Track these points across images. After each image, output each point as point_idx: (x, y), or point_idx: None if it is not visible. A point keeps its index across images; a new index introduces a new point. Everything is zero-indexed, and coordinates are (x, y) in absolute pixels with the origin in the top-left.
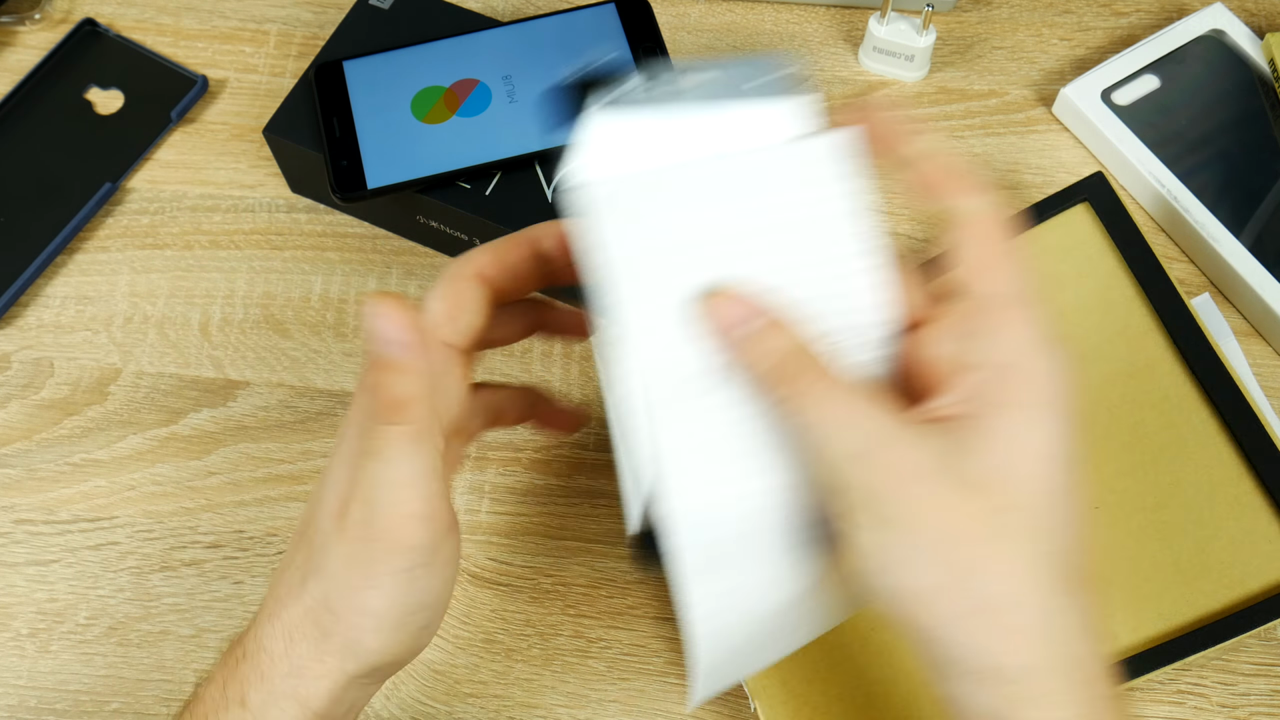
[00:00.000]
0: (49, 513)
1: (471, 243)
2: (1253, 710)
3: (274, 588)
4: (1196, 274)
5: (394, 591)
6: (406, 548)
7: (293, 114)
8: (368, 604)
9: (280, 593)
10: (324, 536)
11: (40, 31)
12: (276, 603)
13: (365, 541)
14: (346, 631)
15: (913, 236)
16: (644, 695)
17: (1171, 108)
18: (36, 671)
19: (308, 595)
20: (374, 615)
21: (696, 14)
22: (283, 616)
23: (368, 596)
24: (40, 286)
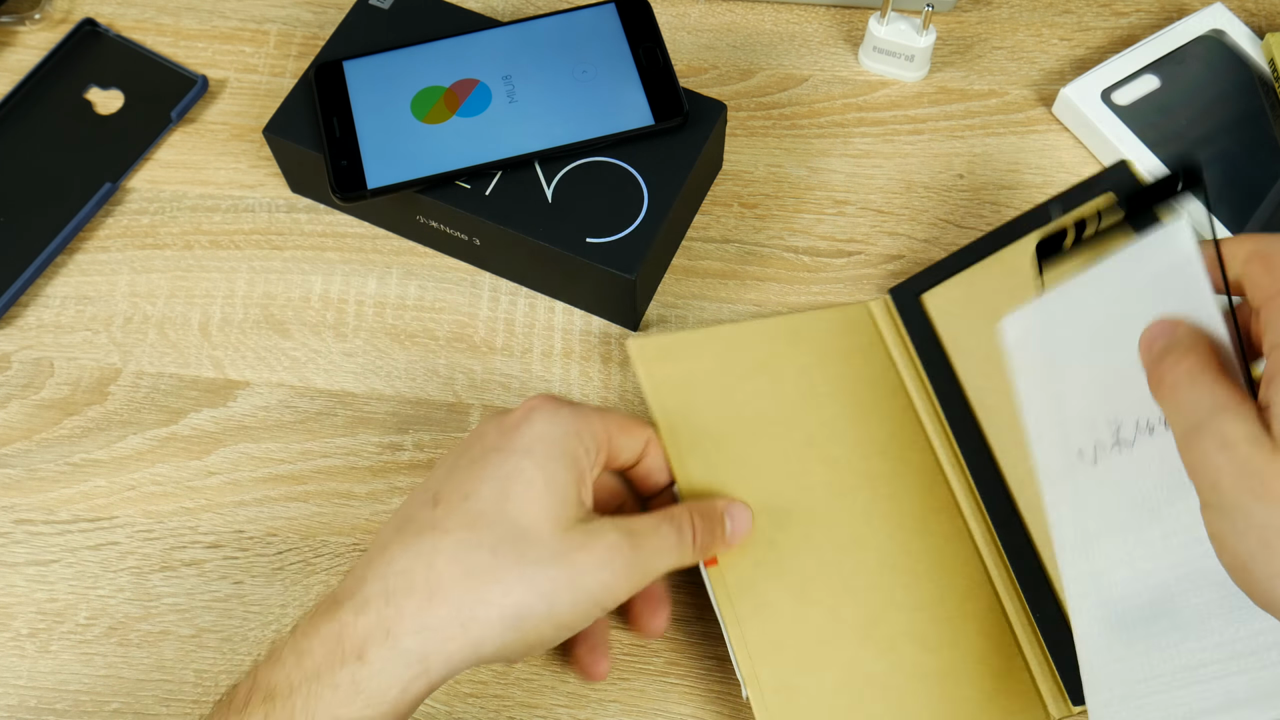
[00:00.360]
0: (49, 513)
1: (472, 243)
2: None
3: (411, 540)
4: None
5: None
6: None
7: (293, 114)
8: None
9: (424, 546)
10: (529, 525)
11: (40, 31)
12: (414, 555)
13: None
14: (505, 613)
15: (912, 236)
16: (644, 695)
17: (1171, 108)
18: (36, 671)
19: (474, 561)
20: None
21: (696, 14)
22: (428, 572)
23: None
24: (40, 286)
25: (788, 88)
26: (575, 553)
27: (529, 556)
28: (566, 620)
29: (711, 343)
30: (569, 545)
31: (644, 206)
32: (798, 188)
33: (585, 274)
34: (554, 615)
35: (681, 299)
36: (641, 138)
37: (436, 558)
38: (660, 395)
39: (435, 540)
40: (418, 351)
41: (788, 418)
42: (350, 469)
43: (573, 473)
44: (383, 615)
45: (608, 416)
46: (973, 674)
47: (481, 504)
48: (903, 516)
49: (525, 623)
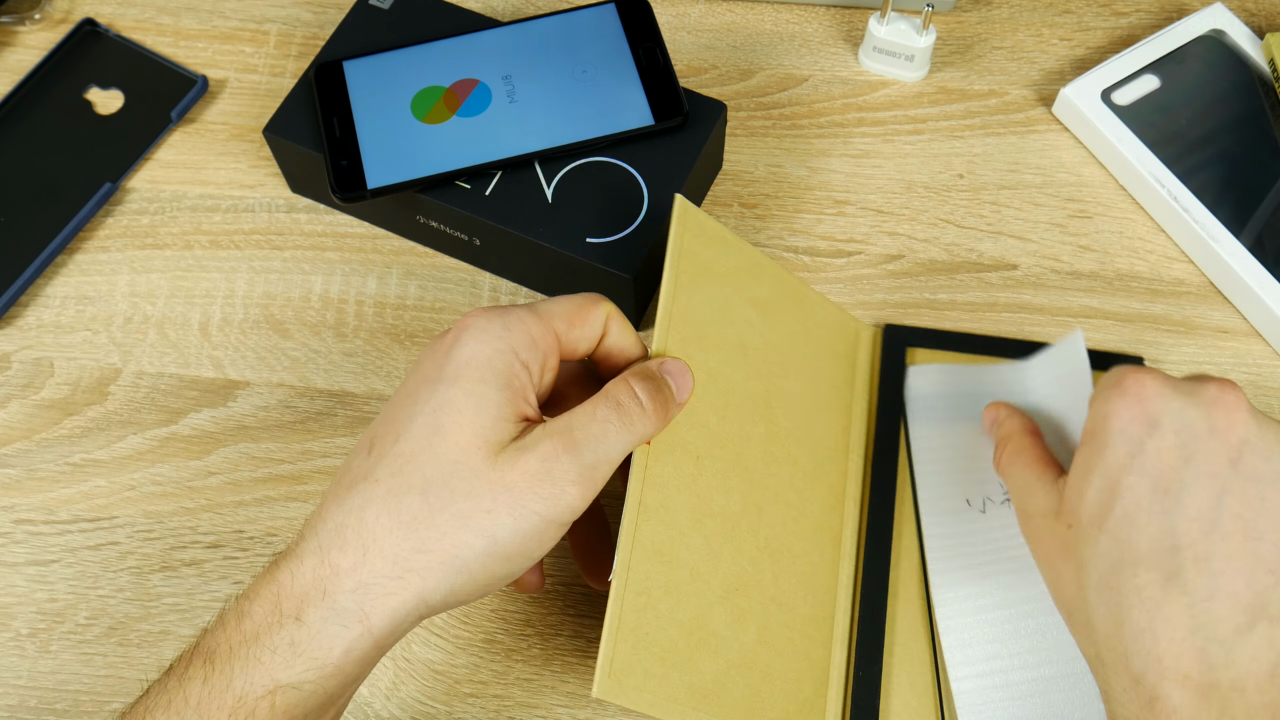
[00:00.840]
0: (49, 513)
1: (472, 243)
2: None
3: (344, 494)
4: (1197, 274)
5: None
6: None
7: (293, 114)
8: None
9: (356, 500)
10: (442, 454)
11: (40, 31)
12: (346, 510)
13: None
14: (444, 557)
15: (912, 236)
16: None
17: (1171, 108)
18: (36, 671)
19: (404, 508)
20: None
21: (696, 14)
22: (360, 526)
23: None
24: (40, 286)
25: (788, 88)
26: (509, 473)
27: (460, 491)
28: (515, 549)
29: (740, 253)
30: (502, 468)
31: (644, 206)
32: (798, 188)
33: (585, 274)
34: (498, 548)
35: None
36: (641, 138)
37: (367, 510)
38: (679, 261)
39: (367, 491)
40: (417, 351)
41: (760, 363)
42: None
43: (505, 391)
44: (318, 574)
45: (549, 313)
46: (785, 688)
47: (411, 444)
48: (799, 515)
49: (470, 564)
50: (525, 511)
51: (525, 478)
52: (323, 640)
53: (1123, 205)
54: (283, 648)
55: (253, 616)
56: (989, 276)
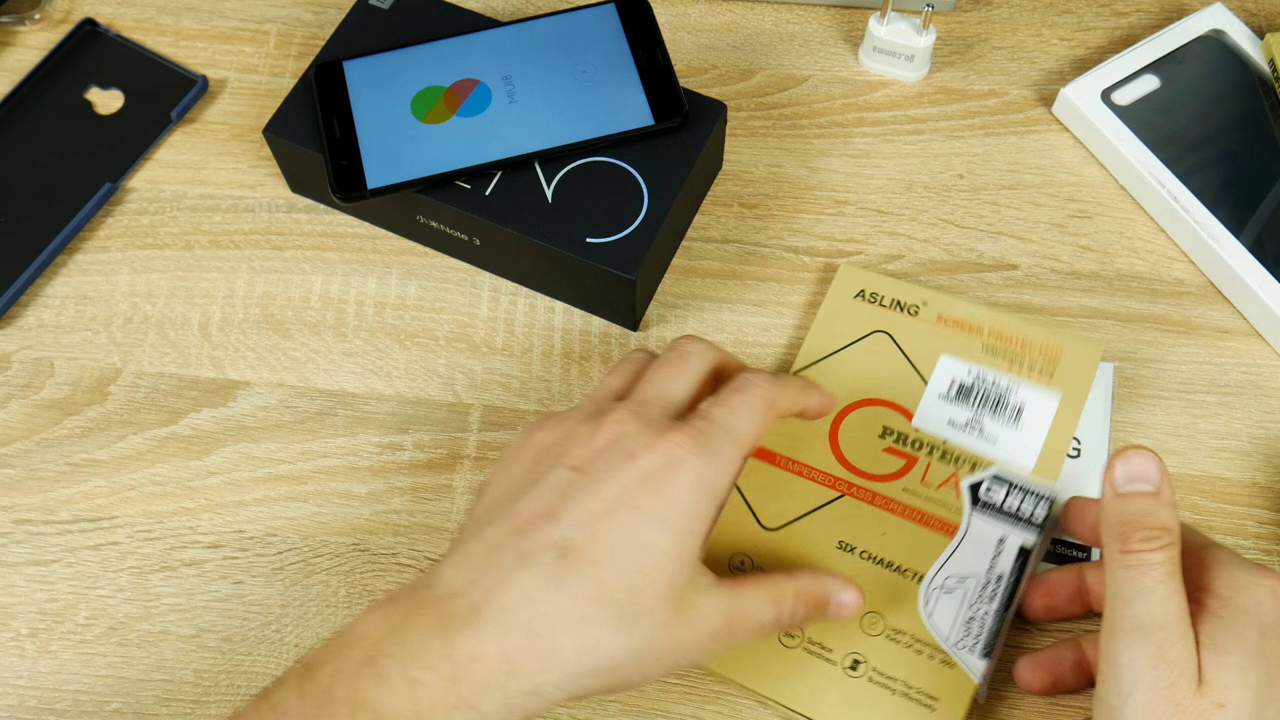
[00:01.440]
0: (49, 513)
1: (472, 243)
2: None
3: (530, 585)
4: (1197, 274)
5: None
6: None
7: (293, 114)
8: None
9: (546, 608)
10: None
11: (40, 31)
12: (532, 606)
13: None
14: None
15: (912, 236)
16: (644, 695)
17: (1171, 108)
18: (36, 671)
19: (595, 639)
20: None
21: (696, 14)
22: (549, 637)
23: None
24: (40, 286)
25: (788, 88)
26: (679, 629)
27: (639, 629)
28: (650, 676)
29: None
30: (676, 622)
31: (644, 206)
32: (798, 188)
33: (585, 274)
34: (640, 672)
35: (681, 299)
36: (641, 138)
37: (559, 625)
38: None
39: (561, 606)
40: (418, 351)
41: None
42: (350, 469)
43: (700, 538)
44: (498, 667)
45: (746, 437)
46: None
47: (612, 575)
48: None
49: (611, 674)
50: (673, 657)
51: (688, 637)
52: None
53: (1123, 205)
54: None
55: (427, 687)
56: (989, 276)
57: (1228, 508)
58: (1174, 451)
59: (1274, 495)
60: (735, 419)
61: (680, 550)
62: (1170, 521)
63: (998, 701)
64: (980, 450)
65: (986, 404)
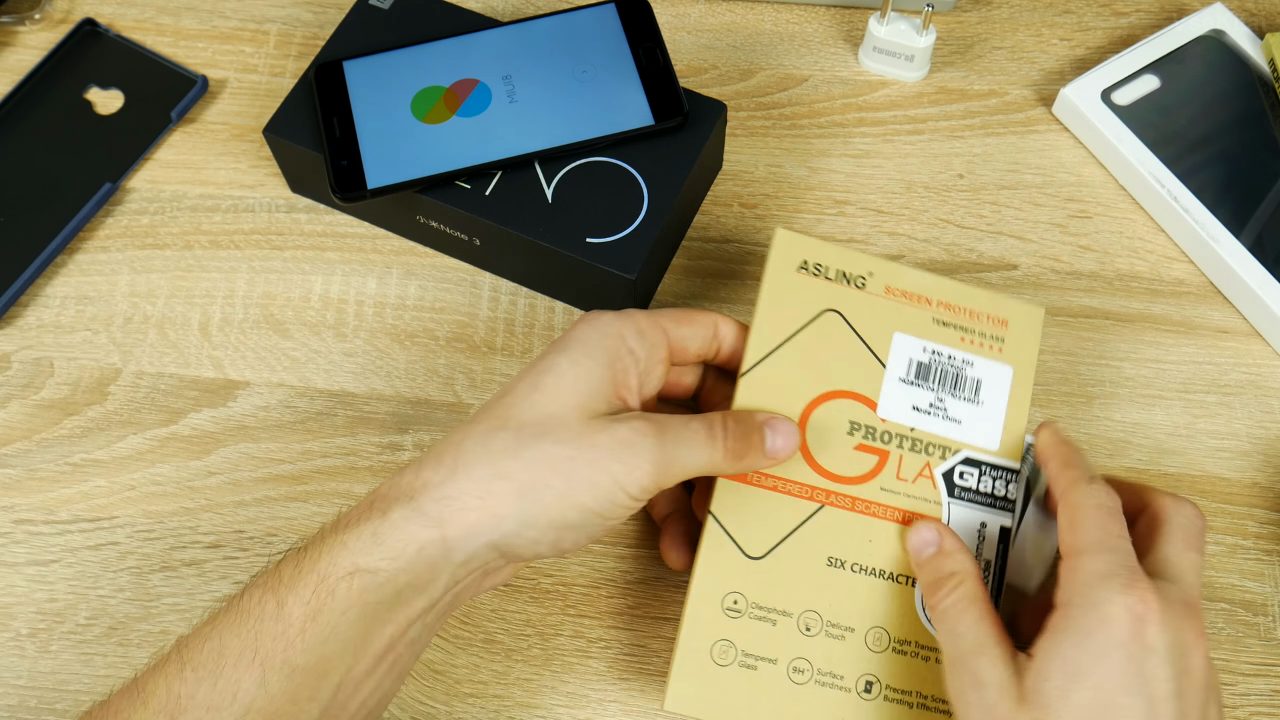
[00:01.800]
0: (49, 513)
1: (472, 243)
2: (1253, 710)
3: (450, 433)
4: (1197, 274)
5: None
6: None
7: (293, 114)
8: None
9: (457, 435)
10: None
11: (40, 31)
12: (446, 441)
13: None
14: (522, 487)
15: (912, 236)
16: (644, 695)
17: (1171, 108)
18: (36, 671)
19: (495, 441)
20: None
21: (696, 14)
22: (455, 452)
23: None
24: (40, 286)
25: (788, 88)
26: (596, 434)
27: (549, 436)
28: (586, 501)
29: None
30: (591, 429)
31: (644, 206)
32: (798, 188)
33: (585, 274)
34: (572, 493)
35: (681, 299)
36: (641, 138)
37: (465, 441)
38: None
39: (466, 428)
40: (418, 351)
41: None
42: (350, 469)
43: (608, 370)
44: (410, 484)
45: (659, 312)
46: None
47: (512, 397)
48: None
49: (544, 498)
50: (602, 469)
51: (611, 440)
52: (400, 534)
53: (1123, 205)
54: (366, 536)
55: (347, 516)
56: (989, 276)
57: (1228, 508)
58: (1174, 451)
59: (1274, 495)
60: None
61: (581, 370)
62: (956, 565)
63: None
64: (948, 434)
65: (946, 383)
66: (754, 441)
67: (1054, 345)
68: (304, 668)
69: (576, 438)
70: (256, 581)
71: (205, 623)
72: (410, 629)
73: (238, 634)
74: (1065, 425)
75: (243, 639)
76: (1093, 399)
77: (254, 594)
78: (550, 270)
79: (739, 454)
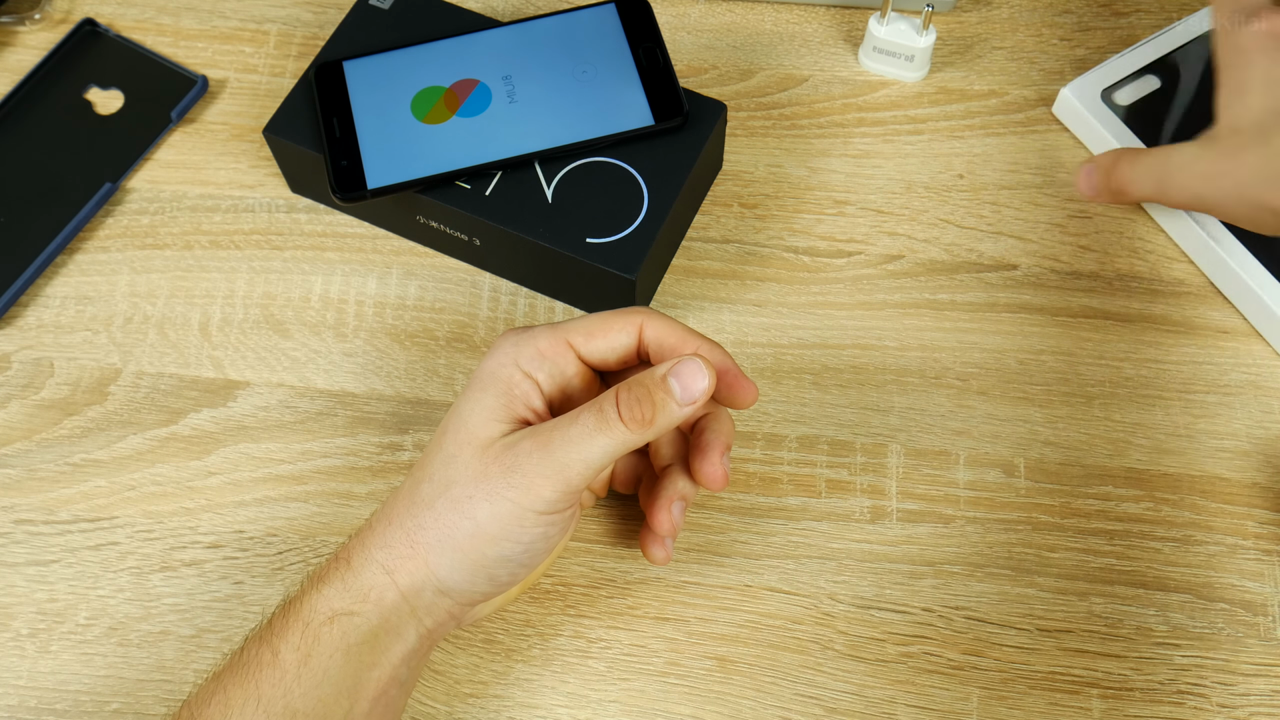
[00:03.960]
0: (49, 513)
1: (472, 243)
2: (1253, 710)
3: (401, 486)
4: (1197, 274)
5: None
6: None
7: (293, 114)
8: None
9: (398, 487)
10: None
11: (40, 31)
12: (391, 493)
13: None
14: (439, 535)
15: (912, 236)
16: (644, 695)
17: (1171, 108)
18: (36, 671)
19: (418, 493)
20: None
21: (696, 14)
22: (393, 504)
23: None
24: (40, 286)
25: (788, 88)
26: (490, 465)
27: (452, 480)
28: (494, 532)
29: None
30: (484, 460)
31: (644, 206)
32: (798, 188)
33: (585, 274)
34: (480, 529)
35: (681, 299)
36: (641, 138)
37: (400, 492)
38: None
39: (405, 480)
40: (418, 351)
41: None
42: (350, 469)
43: (501, 397)
44: (363, 535)
45: (566, 328)
46: None
47: (433, 445)
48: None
49: (460, 543)
50: (499, 498)
51: (500, 469)
52: (363, 580)
53: (1122, 205)
54: (337, 584)
55: (324, 565)
56: (989, 276)
57: (1228, 508)
58: (1174, 451)
59: (1274, 495)
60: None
61: (475, 405)
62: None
63: (997, 701)
64: None
65: None
66: (658, 399)
67: (1054, 345)
68: (305, 712)
69: (473, 475)
70: (251, 636)
71: (209, 679)
72: (397, 671)
73: (240, 686)
74: (1065, 425)
75: (245, 690)
76: (1093, 399)
77: (250, 647)
78: (550, 270)
79: (644, 420)
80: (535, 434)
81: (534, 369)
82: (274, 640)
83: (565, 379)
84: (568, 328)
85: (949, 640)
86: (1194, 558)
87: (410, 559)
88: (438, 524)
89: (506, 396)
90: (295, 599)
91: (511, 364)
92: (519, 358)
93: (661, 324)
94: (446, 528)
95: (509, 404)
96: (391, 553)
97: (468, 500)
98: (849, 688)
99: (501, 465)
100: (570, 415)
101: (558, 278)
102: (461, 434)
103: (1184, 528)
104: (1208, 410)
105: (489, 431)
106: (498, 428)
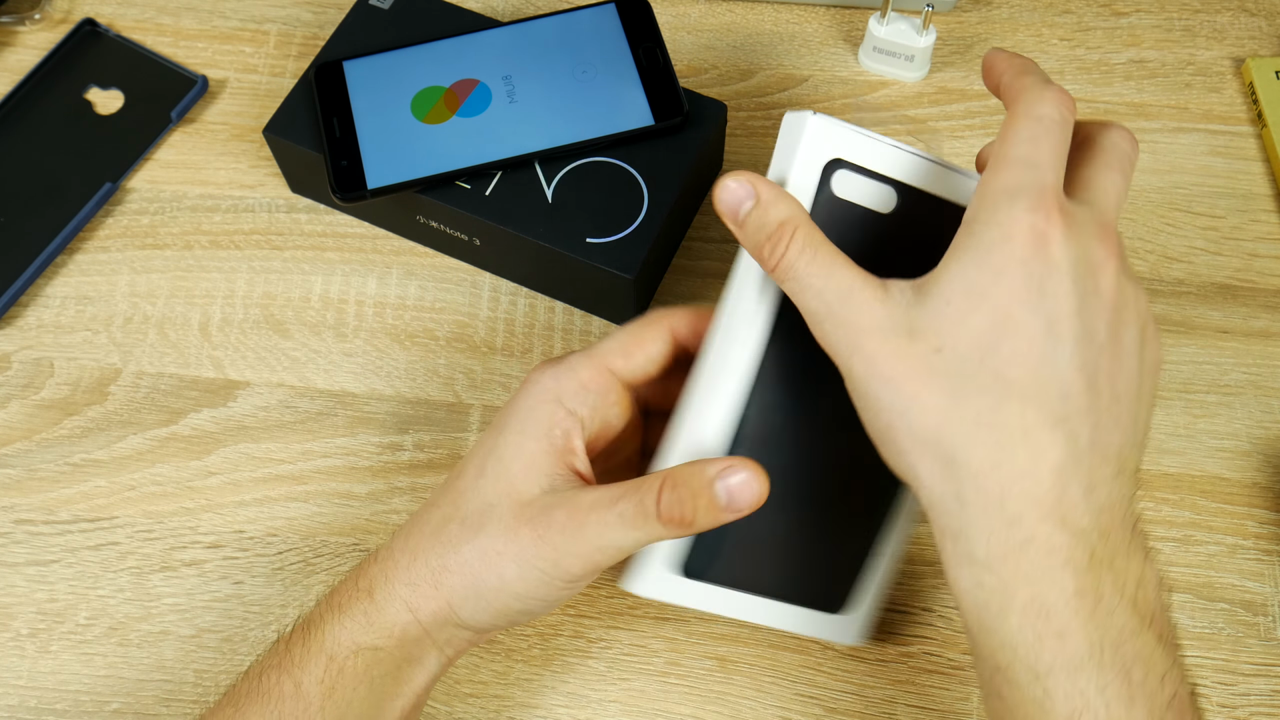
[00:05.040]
0: (49, 513)
1: (472, 243)
2: (1253, 710)
3: (420, 510)
4: (1197, 274)
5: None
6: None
7: (293, 114)
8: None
9: (420, 517)
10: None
11: (40, 31)
12: (413, 522)
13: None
14: (464, 581)
15: None
16: (644, 695)
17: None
18: (36, 671)
19: (446, 533)
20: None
21: (696, 14)
22: (419, 537)
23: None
24: (40, 286)
25: (788, 88)
26: (522, 528)
27: (486, 530)
28: (520, 590)
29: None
30: (520, 520)
31: (644, 206)
32: None
33: (585, 274)
34: (507, 586)
35: (681, 299)
36: (641, 138)
37: (424, 527)
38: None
39: (426, 514)
40: (418, 351)
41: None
42: (350, 469)
43: (543, 442)
44: (384, 566)
45: (602, 351)
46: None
47: (463, 482)
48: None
49: (484, 594)
50: (529, 566)
51: (531, 535)
52: (385, 616)
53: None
54: (359, 617)
55: (339, 594)
56: None
57: (1228, 508)
58: (1174, 451)
59: (1274, 495)
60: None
61: (518, 452)
62: (782, 212)
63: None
64: None
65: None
66: (701, 504)
67: None
68: None
69: (506, 531)
70: (270, 663)
71: (225, 703)
72: (419, 698)
73: (261, 715)
74: None
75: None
76: None
77: (270, 675)
78: (550, 270)
79: (684, 523)
80: (573, 507)
81: (577, 405)
82: (295, 671)
83: (606, 408)
84: (603, 351)
85: (949, 640)
86: (1194, 558)
87: (434, 599)
88: (464, 571)
89: (548, 440)
90: (314, 626)
91: (553, 400)
92: (561, 394)
93: (689, 317)
94: (472, 577)
95: (550, 449)
96: (416, 591)
97: (497, 555)
98: (849, 688)
99: (534, 531)
100: (609, 496)
101: (557, 278)
102: (502, 483)
103: (1184, 527)
104: (1208, 410)
105: (530, 488)
106: (539, 482)
